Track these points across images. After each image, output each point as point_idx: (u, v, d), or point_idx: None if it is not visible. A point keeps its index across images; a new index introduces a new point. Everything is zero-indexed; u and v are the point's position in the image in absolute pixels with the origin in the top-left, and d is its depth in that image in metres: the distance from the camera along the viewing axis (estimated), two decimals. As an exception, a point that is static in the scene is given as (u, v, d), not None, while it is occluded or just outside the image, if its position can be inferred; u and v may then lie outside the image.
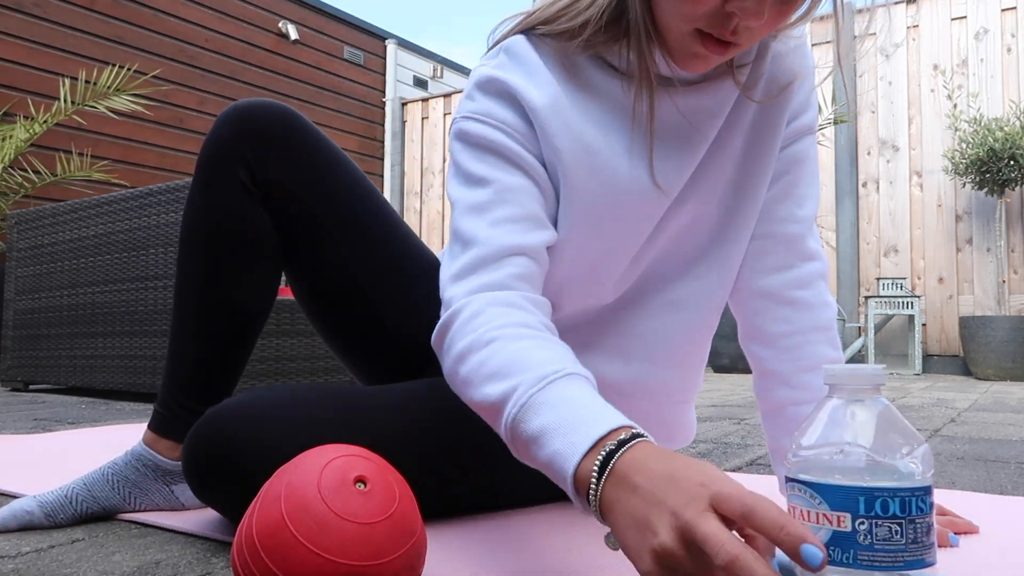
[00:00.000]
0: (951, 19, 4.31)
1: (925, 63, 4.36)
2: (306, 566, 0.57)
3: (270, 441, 0.77)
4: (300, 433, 0.78)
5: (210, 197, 0.92)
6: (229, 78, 5.41)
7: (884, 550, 0.49)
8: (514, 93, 0.80)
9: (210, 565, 0.77)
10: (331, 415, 0.82)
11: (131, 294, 2.60)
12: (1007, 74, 4.17)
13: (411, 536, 0.61)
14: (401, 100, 6.34)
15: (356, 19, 6.38)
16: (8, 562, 0.78)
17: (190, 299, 0.94)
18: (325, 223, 0.95)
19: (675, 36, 0.74)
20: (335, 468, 0.61)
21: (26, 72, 4.34)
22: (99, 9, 4.69)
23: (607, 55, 0.82)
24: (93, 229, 2.76)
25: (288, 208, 0.93)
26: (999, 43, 4.20)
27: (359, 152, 6.34)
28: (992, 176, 3.88)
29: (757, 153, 0.87)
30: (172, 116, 5.05)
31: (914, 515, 0.49)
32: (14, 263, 3.09)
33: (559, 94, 0.80)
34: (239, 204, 0.91)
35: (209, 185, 0.92)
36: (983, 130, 3.89)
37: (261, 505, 0.61)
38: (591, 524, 0.92)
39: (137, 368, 2.55)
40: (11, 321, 3.07)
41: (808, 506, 0.51)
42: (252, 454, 0.76)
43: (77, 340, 2.78)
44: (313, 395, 0.84)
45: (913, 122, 4.39)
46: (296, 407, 0.81)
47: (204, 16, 5.27)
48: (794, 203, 0.90)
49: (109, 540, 0.86)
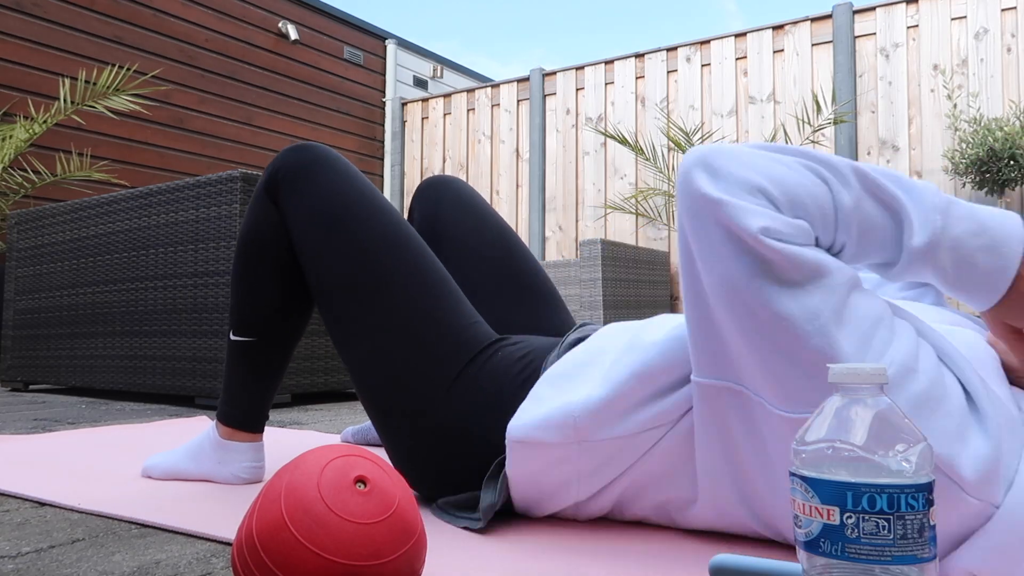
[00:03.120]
0: (951, 19, 4.31)
1: (925, 63, 4.36)
2: (306, 566, 0.57)
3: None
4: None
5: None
6: (229, 78, 5.41)
7: (871, 544, 0.51)
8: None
9: (210, 565, 0.77)
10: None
11: (131, 294, 2.60)
12: (1007, 74, 4.17)
13: (411, 536, 0.61)
14: (401, 100, 6.34)
15: (356, 19, 6.38)
16: (8, 562, 0.78)
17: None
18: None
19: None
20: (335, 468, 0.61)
21: (26, 72, 4.34)
22: (99, 9, 4.69)
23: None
24: (93, 229, 2.76)
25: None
26: (999, 43, 4.20)
27: (359, 152, 6.34)
28: (992, 176, 3.88)
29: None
30: (172, 116, 5.05)
31: (903, 511, 0.51)
32: (14, 263, 3.09)
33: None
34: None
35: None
36: (983, 130, 3.89)
37: (261, 505, 0.61)
38: (591, 524, 0.92)
39: (137, 368, 2.55)
40: (11, 321, 3.07)
41: (803, 499, 0.54)
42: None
43: (77, 340, 2.78)
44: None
45: (913, 122, 4.39)
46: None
47: (204, 16, 5.27)
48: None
49: (109, 540, 0.86)
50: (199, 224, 2.41)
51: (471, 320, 1.00)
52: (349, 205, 1.04)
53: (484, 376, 0.95)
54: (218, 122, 5.32)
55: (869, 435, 0.52)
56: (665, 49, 5.09)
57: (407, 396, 0.98)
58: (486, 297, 1.20)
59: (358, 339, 1.01)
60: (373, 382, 1.01)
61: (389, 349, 0.98)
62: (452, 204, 1.26)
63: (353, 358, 1.03)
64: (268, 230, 1.12)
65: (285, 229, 1.10)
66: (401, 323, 0.98)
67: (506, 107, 5.73)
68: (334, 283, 1.03)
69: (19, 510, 1.05)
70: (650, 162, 4.64)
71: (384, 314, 0.99)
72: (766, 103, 4.73)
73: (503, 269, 1.22)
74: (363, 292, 1.00)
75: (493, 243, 1.24)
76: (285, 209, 1.09)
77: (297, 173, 1.08)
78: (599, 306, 4.05)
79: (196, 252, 2.41)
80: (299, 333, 1.19)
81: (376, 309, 0.99)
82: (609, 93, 5.32)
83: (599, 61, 5.34)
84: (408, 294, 0.99)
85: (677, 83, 5.05)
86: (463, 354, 0.97)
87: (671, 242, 5.00)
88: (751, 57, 4.80)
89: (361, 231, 1.02)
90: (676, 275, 4.97)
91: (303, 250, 1.07)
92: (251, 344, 1.16)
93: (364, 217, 1.03)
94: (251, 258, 1.14)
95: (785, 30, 4.71)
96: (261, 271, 1.13)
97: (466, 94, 5.97)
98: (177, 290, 2.45)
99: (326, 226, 1.04)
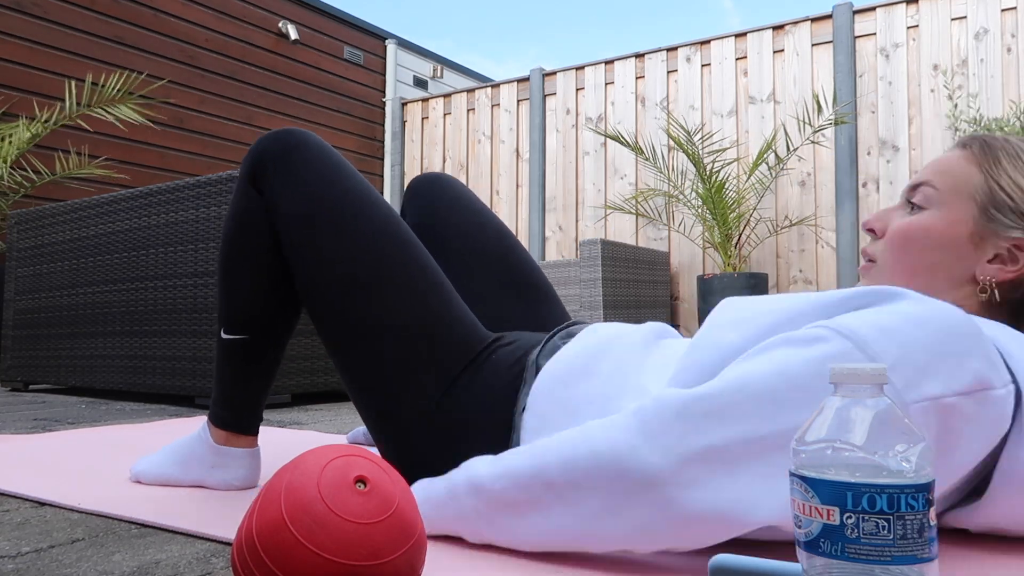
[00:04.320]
0: (951, 19, 4.31)
1: (925, 63, 4.36)
2: (306, 566, 0.57)
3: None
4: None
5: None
6: (229, 78, 5.41)
7: (871, 544, 0.51)
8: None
9: (210, 565, 0.77)
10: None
11: (131, 294, 2.60)
12: (1007, 74, 4.17)
13: (411, 536, 0.61)
14: (401, 100, 6.34)
15: (356, 19, 6.38)
16: (8, 562, 0.78)
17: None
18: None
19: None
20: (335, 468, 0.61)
21: (25, 72, 4.34)
22: (99, 9, 4.69)
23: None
24: (93, 229, 2.76)
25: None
26: (999, 43, 4.20)
27: (359, 152, 6.34)
28: (992, 176, 3.88)
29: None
30: (172, 116, 5.04)
31: (903, 511, 0.51)
32: (14, 263, 3.09)
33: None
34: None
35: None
36: (983, 131, 3.89)
37: (261, 505, 0.61)
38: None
39: (137, 368, 2.55)
40: (11, 321, 3.07)
41: (803, 499, 0.54)
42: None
43: (77, 340, 2.78)
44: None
45: (913, 122, 4.39)
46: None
47: (204, 16, 5.27)
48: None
49: (109, 540, 0.86)
50: (199, 224, 2.41)
51: (466, 321, 0.99)
52: (340, 195, 1.00)
53: (477, 384, 0.94)
54: (218, 122, 5.32)
55: (869, 435, 0.52)
56: (665, 49, 5.09)
57: (399, 401, 0.96)
58: (485, 295, 1.18)
59: (349, 339, 0.98)
60: (364, 384, 0.98)
61: (381, 351, 0.96)
62: (451, 202, 1.24)
63: (343, 359, 1.00)
64: (254, 220, 1.07)
65: (272, 218, 1.06)
66: (395, 323, 0.96)
67: (506, 107, 5.73)
68: (323, 278, 0.99)
69: (19, 510, 1.05)
70: (650, 162, 4.64)
71: (376, 315, 0.96)
72: (766, 103, 4.73)
73: (503, 267, 1.21)
74: (355, 289, 0.97)
75: (493, 241, 1.22)
76: (270, 197, 1.05)
77: (282, 158, 1.04)
78: (599, 306, 4.05)
79: (196, 252, 2.41)
80: (292, 327, 1.15)
81: (367, 309, 0.97)
82: (609, 93, 5.32)
83: (599, 61, 5.34)
84: (402, 295, 0.96)
85: (677, 83, 5.05)
86: (458, 359, 0.95)
87: (671, 242, 5.00)
88: (751, 57, 4.80)
89: (352, 223, 0.99)
90: (676, 275, 4.97)
91: (289, 242, 1.02)
92: (243, 342, 1.12)
93: (355, 209, 1.00)
94: (238, 251, 1.10)
95: (785, 30, 4.71)
96: (249, 264, 1.09)
97: (466, 94, 5.97)
98: (177, 290, 2.45)
99: (314, 216, 1.00)
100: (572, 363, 0.90)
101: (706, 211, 4.41)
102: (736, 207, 4.40)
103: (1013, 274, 0.83)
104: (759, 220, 4.64)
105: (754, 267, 4.68)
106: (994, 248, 0.84)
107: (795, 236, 4.60)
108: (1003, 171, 0.84)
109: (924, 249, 0.86)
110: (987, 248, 0.84)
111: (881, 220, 0.91)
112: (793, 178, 4.63)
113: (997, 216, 0.83)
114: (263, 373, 1.15)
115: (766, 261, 4.67)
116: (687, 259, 4.94)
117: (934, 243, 0.85)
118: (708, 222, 4.45)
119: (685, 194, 4.60)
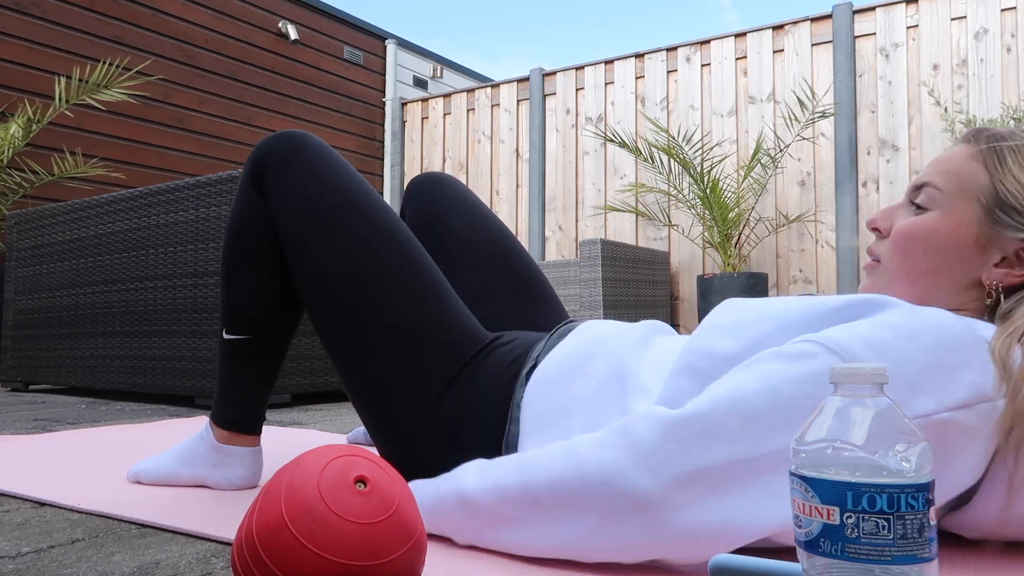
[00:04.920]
0: (951, 19, 4.31)
1: (925, 63, 4.36)
2: (306, 566, 0.57)
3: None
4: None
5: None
6: (229, 78, 5.40)
7: (871, 544, 0.51)
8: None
9: (210, 565, 0.77)
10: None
11: (131, 294, 2.60)
12: (1007, 74, 4.17)
13: (411, 536, 0.61)
14: (401, 100, 6.33)
15: (356, 19, 6.38)
16: (8, 562, 0.78)
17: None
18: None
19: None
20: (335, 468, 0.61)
21: (25, 72, 4.34)
22: (98, 9, 4.69)
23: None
24: (93, 229, 2.76)
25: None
26: (999, 43, 4.20)
27: (359, 152, 6.34)
28: (992, 176, 3.87)
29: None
30: (172, 116, 5.04)
31: (903, 511, 0.51)
32: (14, 263, 3.08)
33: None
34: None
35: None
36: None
37: (261, 505, 0.61)
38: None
39: (137, 368, 2.55)
40: (11, 321, 3.07)
41: (803, 499, 0.54)
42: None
43: (77, 340, 2.78)
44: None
45: (913, 122, 4.39)
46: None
47: (204, 16, 5.27)
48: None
49: (109, 540, 0.86)
50: (199, 224, 2.41)
51: (464, 321, 0.99)
52: (340, 197, 1.01)
53: (475, 383, 0.94)
54: (218, 122, 5.32)
55: (869, 435, 0.53)
56: (665, 49, 5.09)
57: (398, 401, 0.96)
58: (484, 295, 1.18)
59: (348, 340, 0.98)
60: (364, 384, 0.99)
61: (380, 351, 0.96)
62: (451, 202, 1.24)
63: (342, 359, 1.00)
64: (256, 221, 1.08)
65: (273, 220, 1.07)
66: (393, 324, 0.96)
67: (506, 107, 5.73)
68: (323, 279, 1.00)
69: (19, 510, 1.05)
70: (649, 162, 4.64)
71: (375, 315, 0.96)
72: (766, 103, 4.73)
73: (502, 267, 1.21)
74: (354, 290, 0.97)
75: (493, 241, 1.22)
76: (271, 199, 1.05)
77: (283, 160, 1.05)
78: (599, 306, 4.05)
79: (196, 252, 2.41)
80: (294, 326, 1.15)
81: (366, 309, 0.97)
82: (609, 93, 5.32)
83: (599, 61, 5.34)
84: (401, 296, 0.96)
85: (677, 83, 5.05)
86: (456, 359, 0.95)
87: (671, 242, 5.00)
88: (751, 57, 4.80)
89: (352, 225, 0.99)
90: (676, 275, 4.97)
91: (290, 243, 1.03)
92: (245, 342, 1.13)
93: (355, 211, 1.00)
94: (240, 251, 1.11)
95: (785, 30, 4.71)
96: (251, 264, 1.10)
97: (466, 94, 5.97)
98: (177, 290, 2.45)
99: (314, 218, 1.00)
100: (565, 362, 0.91)
101: (704, 211, 4.41)
102: (735, 207, 4.40)
103: (1021, 278, 0.81)
104: (758, 220, 4.64)
105: (754, 267, 4.68)
106: (1000, 251, 0.81)
107: (795, 236, 4.60)
108: (1008, 170, 0.82)
109: (928, 252, 0.84)
110: (993, 251, 0.81)
111: (886, 219, 0.90)
112: (793, 178, 4.63)
113: (1003, 218, 0.81)
114: (265, 373, 1.16)
115: (766, 261, 4.67)
116: (687, 259, 4.94)
117: (938, 246, 0.83)
118: (707, 222, 4.45)
119: (684, 194, 4.60)
